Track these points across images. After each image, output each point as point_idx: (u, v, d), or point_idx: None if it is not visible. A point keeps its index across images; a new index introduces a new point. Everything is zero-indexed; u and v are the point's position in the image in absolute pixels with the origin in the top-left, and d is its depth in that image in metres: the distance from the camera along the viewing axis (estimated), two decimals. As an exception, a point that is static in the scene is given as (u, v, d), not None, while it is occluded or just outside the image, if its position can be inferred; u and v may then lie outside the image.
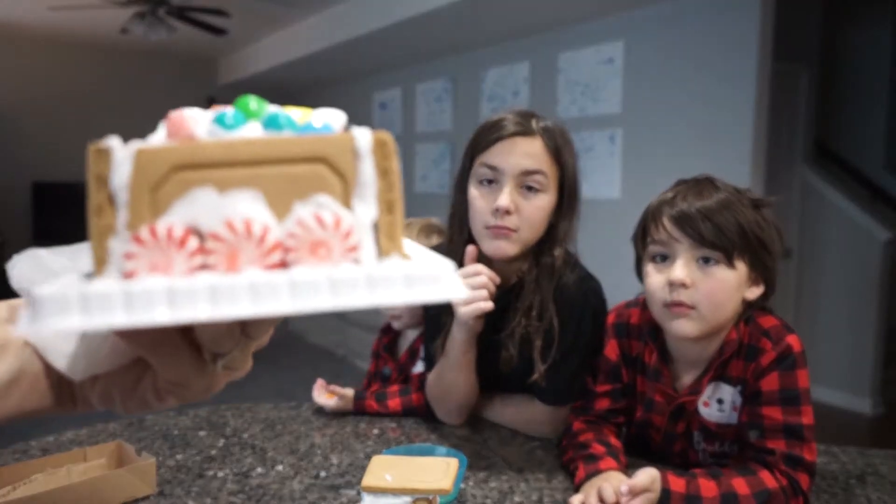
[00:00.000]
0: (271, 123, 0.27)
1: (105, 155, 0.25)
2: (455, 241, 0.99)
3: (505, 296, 0.96)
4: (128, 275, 0.25)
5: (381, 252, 0.28)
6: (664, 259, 0.80)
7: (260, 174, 0.26)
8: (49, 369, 0.32)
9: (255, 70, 5.08)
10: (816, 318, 3.24)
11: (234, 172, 0.26)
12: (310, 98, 5.69)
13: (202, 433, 1.01)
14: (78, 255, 0.30)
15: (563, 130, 0.94)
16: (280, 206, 0.26)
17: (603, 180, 3.40)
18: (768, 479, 0.76)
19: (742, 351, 0.81)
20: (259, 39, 4.99)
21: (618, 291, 1.07)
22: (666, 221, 0.79)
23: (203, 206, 0.25)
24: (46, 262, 0.30)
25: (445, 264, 0.27)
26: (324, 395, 1.10)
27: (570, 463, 0.87)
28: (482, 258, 0.94)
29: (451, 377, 0.99)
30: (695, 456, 0.88)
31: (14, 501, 0.68)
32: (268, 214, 0.26)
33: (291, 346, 4.45)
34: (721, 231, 0.76)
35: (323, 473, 0.87)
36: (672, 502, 0.74)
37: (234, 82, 5.32)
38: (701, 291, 0.77)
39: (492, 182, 0.91)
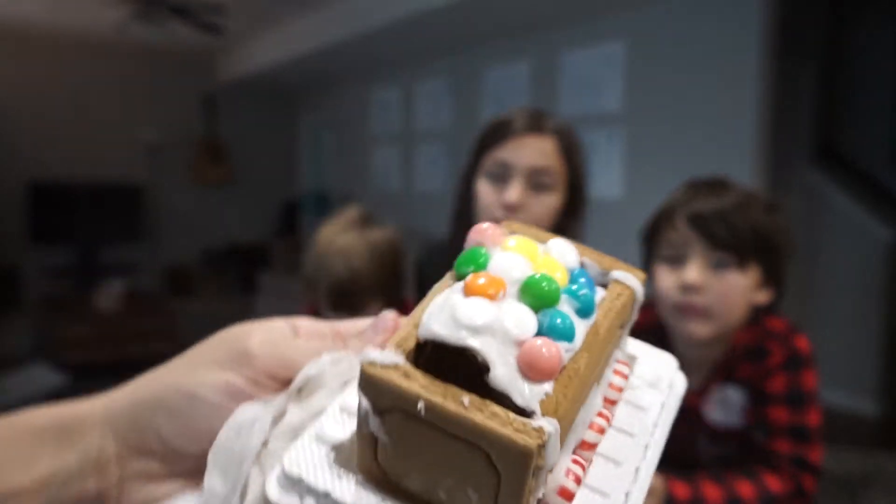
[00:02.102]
0: (581, 312, 0.25)
1: (544, 449, 0.21)
2: (458, 237, 0.98)
3: None
4: None
5: None
6: (676, 260, 0.79)
7: None
8: None
9: (255, 69, 5.08)
10: (820, 319, 3.22)
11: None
12: (310, 98, 5.68)
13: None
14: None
15: (573, 131, 0.94)
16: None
17: (604, 179, 3.40)
18: (773, 483, 0.75)
19: (750, 353, 0.80)
20: (258, 37, 4.99)
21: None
22: (680, 222, 0.78)
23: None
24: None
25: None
26: None
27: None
28: None
29: None
30: (699, 459, 0.87)
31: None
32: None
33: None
34: (736, 234, 0.75)
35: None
36: (676, 507, 0.73)
37: (234, 81, 5.31)
38: (713, 295, 0.76)
39: (500, 178, 0.90)
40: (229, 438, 0.26)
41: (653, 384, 0.32)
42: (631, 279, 0.28)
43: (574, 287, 0.25)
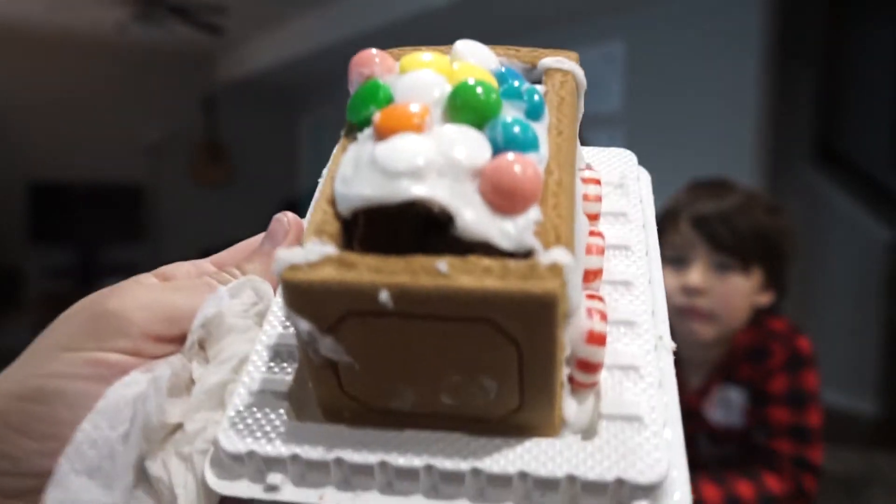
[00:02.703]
0: (531, 113, 0.19)
1: (563, 289, 0.16)
2: None
3: None
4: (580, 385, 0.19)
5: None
6: (679, 262, 0.79)
7: None
8: None
9: (255, 69, 5.08)
10: (820, 319, 3.22)
11: None
12: (310, 98, 5.68)
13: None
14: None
15: None
16: None
17: (604, 180, 3.40)
18: (773, 483, 0.75)
19: (751, 353, 0.80)
20: (258, 38, 4.99)
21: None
22: (683, 224, 0.78)
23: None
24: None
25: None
26: None
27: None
28: None
29: None
30: (699, 459, 0.87)
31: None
32: None
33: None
34: (739, 236, 0.75)
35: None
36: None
37: (234, 81, 5.31)
38: (716, 297, 0.76)
39: None
40: (99, 429, 0.19)
41: (620, 185, 0.27)
42: (566, 62, 0.22)
43: (513, 86, 0.19)
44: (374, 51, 0.20)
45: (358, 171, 0.17)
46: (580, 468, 0.17)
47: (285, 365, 0.20)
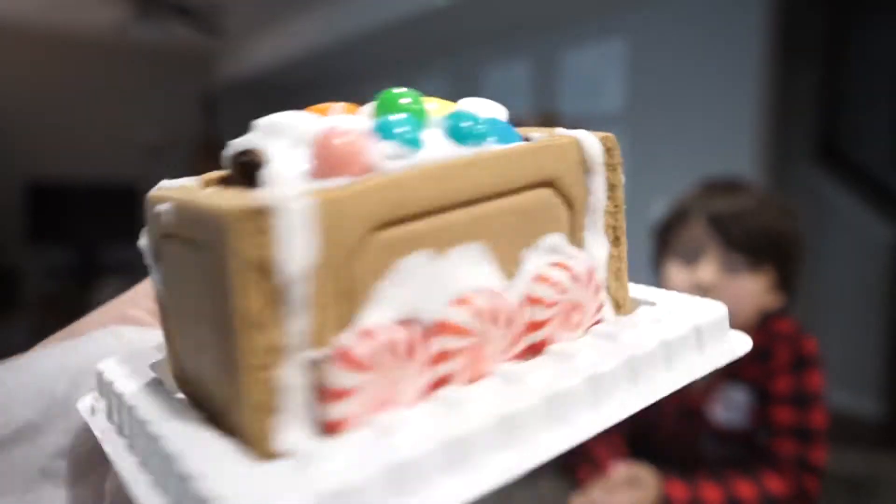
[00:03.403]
0: (459, 133, 0.18)
1: (265, 220, 0.14)
2: None
3: None
4: (336, 427, 0.14)
5: (615, 302, 0.20)
6: (690, 259, 0.78)
7: (481, 216, 0.17)
8: None
9: (255, 69, 5.07)
10: (822, 319, 3.22)
11: (450, 220, 0.16)
12: (310, 98, 5.67)
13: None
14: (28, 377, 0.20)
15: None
16: (506, 258, 0.18)
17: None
18: (774, 484, 0.74)
19: (756, 353, 0.80)
20: (258, 37, 4.99)
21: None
22: (696, 221, 0.77)
23: (420, 284, 0.16)
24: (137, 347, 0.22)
25: (714, 306, 0.20)
26: None
27: (573, 466, 0.85)
28: None
29: None
30: (702, 459, 0.86)
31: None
32: (497, 276, 0.17)
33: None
34: (753, 236, 0.75)
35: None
36: (675, 509, 0.72)
37: (234, 81, 5.31)
38: (725, 296, 0.75)
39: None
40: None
41: (657, 320, 0.20)
42: (580, 133, 0.20)
43: (459, 115, 0.19)
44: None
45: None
46: None
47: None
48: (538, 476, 0.85)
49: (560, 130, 0.20)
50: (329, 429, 0.15)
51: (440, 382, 0.16)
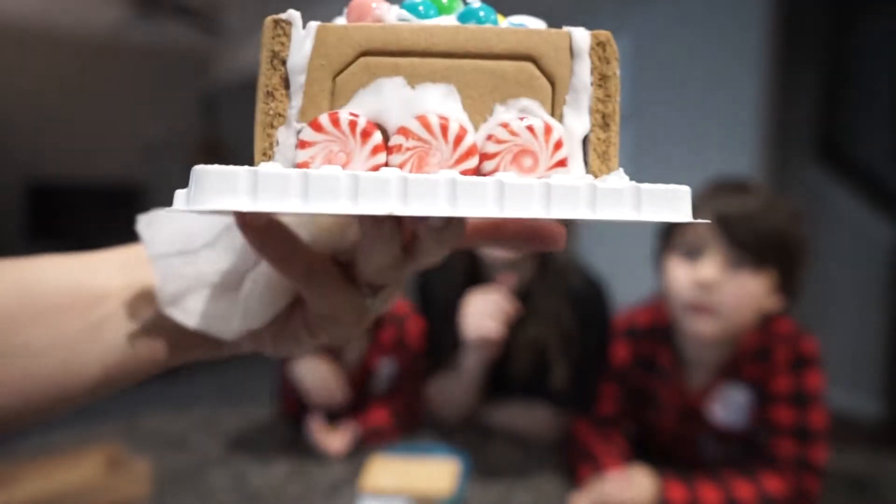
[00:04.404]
0: (468, 17, 0.24)
1: (284, 29, 0.22)
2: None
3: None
4: (300, 166, 0.22)
5: (592, 173, 0.24)
6: (693, 256, 0.78)
7: (457, 67, 0.22)
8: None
9: (255, 69, 5.06)
10: (822, 318, 3.22)
11: (429, 63, 0.22)
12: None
13: (199, 435, 0.99)
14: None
15: None
16: (477, 108, 0.23)
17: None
18: (773, 484, 0.74)
19: (756, 353, 0.80)
20: (258, 37, 4.98)
21: (620, 292, 1.05)
22: (703, 219, 0.77)
23: (391, 98, 0.22)
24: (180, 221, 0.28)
25: (679, 186, 0.23)
26: (329, 437, 0.91)
27: (574, 465, 0.85)
28: (477, 255, 0.93)
29: (459, 393, 0.97)
30: (703, 459, 0.86)
31: (0, 508, 0.66)
32: (463, 114, 0.22)
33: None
34: (758, 236, 0.75)
35: (321, 474, 0.85)
36: (672, 510, 0.72)
37: (234, 81, 5.31)
38: (726, 294, 0.75)
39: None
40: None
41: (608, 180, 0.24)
42: (574, 28, 0.25)
43: (470, 8, 0.24)
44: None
45: None
46: None
47: None
48: (538, 475, 0.85)
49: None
50: (298, 167, 0.22)
51: (388, 167, 0.22)
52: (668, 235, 0.82)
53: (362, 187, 0.20)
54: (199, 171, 0.20)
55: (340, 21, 0.25)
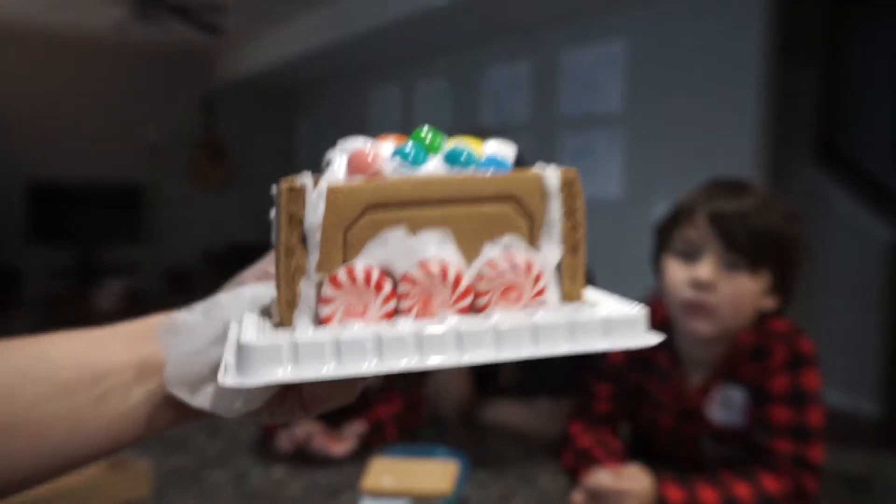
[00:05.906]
0: (453, 159, 0.27)
1: (299, 194, 0.25)
2: None
3: None
4: (324, 320, 0.25)
5: (565, 296, 0.28)
6: (690, 256, 0.78)
7: (450, 214, 0.26)
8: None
9: (255, 69, 5.08)
10: (821, 318, 3.22)
11: (425, 212, 0.26)
12: (310, 98, 5.67)
13: (199, 435, 0.99)
14: (213, 311, 0.31)
15: None
16: (468, 246, 0.26)
17: (604, 180, 3.39)
18: (771, 484, 0.74)
19: (752, 353, 0.80)
20: (258, 37, 4.99)
21: (618, 291, 1.06)
22: (699, 219, 0.77)
23: (396, 248, 0.25)
24: (190, 325, 0.31)
25: (636, 309, 0.26)
26: (331, 443, 0.89)
27: (571, 465, 0.86)
28: None
29: (444, 379, 0.98)
30: (701, 459, 0.86)
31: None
32: (457, 255, 0.26)
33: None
34: (754, 237, 0.75)
35: (321, 475, 0.85)
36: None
37: (234, 81, 5.31)
38: (722, 294, 0.76)
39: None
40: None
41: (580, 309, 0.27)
42: (545, 170, 0.28)
43: (455, 150, 0.28)
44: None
45: None
46: None
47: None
48: (538, 475, 0.86)
49: (536, 167, 0.28)
50: (322, 321, 0.25)
51: (397, 313, 0.26)
52: (666, 236, 0.82)
53: (386, 347, 0.23)
54: (246, 346, 0.23)
55: (340, 161, 0.27)
